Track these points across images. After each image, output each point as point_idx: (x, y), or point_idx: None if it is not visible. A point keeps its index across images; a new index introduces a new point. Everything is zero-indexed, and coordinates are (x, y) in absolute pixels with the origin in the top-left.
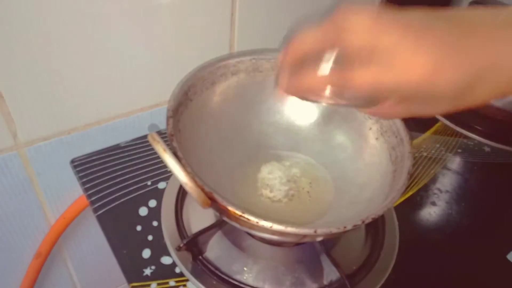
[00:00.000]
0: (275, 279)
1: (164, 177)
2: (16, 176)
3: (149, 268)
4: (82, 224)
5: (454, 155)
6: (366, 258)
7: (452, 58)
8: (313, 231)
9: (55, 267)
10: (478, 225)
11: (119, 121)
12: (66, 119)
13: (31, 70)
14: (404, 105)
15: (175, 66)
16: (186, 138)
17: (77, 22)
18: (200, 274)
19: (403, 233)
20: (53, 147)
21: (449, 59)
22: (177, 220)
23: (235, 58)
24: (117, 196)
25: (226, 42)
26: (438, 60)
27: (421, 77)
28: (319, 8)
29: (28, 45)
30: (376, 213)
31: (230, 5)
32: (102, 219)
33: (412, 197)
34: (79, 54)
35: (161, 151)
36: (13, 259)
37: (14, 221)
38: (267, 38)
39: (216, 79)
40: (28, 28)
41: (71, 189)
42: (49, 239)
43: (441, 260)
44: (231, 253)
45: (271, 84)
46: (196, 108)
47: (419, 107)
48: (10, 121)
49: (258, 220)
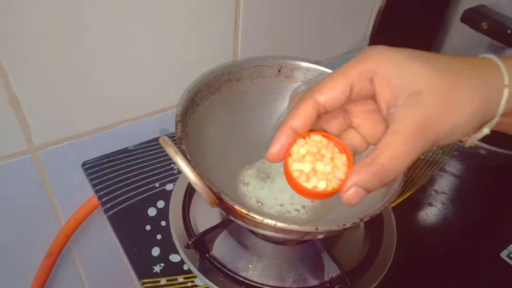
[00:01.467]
0: (278, 276)
1: (172, 179)
2: (30, 178)
3: (158, 265)
4: (91, 225)
5: (451, 157)
6: (365, 256)
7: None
8: (314, 229)
9: (64, 267)
10: (473, 224)
11: (128, 125)
12: (77, 124)
13: (46, 77)
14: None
15: (181, 73)
16: (193, 141)
17: (89, 31)
18: (207, 271)
19: (401, 232)
20: (65, 150)
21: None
22: (185, 220)
23: (239, 65)
24: (126, 197)
25: (231, 50)
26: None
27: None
28: (320, 17)
29: (44, 55)
30: (373, 212)
31: (234, 15)
32: (112, 220)
33: (410, 198)
34: (90, 62)
35: (172, 153)
36: (25, 259)
37: (26, 222)
38: (269, 45)
39: (221, 85)
40: (43, 39)
41: (82, 191)
42: (59, 240)
43: (437, 258)
44: (236, 251)
45: (273, 89)
46: (202, 113)
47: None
48: (25, 126)
49: (263, 218)
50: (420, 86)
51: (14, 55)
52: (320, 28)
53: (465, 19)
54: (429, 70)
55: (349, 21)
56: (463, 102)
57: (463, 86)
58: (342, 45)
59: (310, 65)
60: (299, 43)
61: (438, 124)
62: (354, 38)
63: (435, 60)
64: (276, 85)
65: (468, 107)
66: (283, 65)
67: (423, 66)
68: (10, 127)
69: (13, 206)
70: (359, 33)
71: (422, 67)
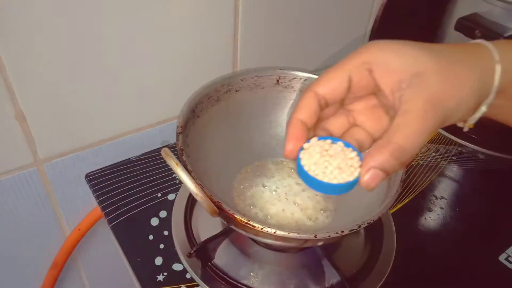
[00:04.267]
0: (280, 283)
1: (173, 189)
2: (35, 191)
3: (161, 274)
4: (95, 235)
5: (449, 163)
6: (365, 262)
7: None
8: (313, 236)
9: (69, 277)
10: (471, 229)
11: (130, 137)
12: (81, 136)
13: (50, 92)
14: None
15: (182, 85)
16: (194, 151)
17: (91, 44)
18: (210, 279)
19: (401, 237)
20: (69, 162)
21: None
22: (187, 229)
23: (239, 76)
24: (129, 207)
25: (230, 61)
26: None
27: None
28: (318, 27)
29: (49, 71)
30: (371, 218)
31: (232, 27)
32: (116, 230)
33: (409, 203)
34: (93, 76)
35: (173, 165)
36: (31, 269)
37: (32, 233)
38: (267, 56)
39: (221, 96)
40: (49, 56)
41: (86, 202)
42: (64, 250)
43: (436, 262)
44: (238, 260)
45: (272, 99)
46: (203, 124)
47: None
48: (31, 140)
49: (263, 227)
50: (420, 67)
51: (21, 72)
52: (319, 37)
53: (459, 28)
54: (426, 54)
55: (347, 31)
56: (462, 77)
57: (459, 65)
58: (340, 55)
59: (308, 74)
60: (298, 52)
61: (445, 100)
62: (353, 48)
63: (429, 46)
64: (275, 94)
65: (468, 81)
66: (281, 75)
67: (419, 50)
68: (16, 141)
69: (19, 218)
70: (358, 43)
71: (419, 51)
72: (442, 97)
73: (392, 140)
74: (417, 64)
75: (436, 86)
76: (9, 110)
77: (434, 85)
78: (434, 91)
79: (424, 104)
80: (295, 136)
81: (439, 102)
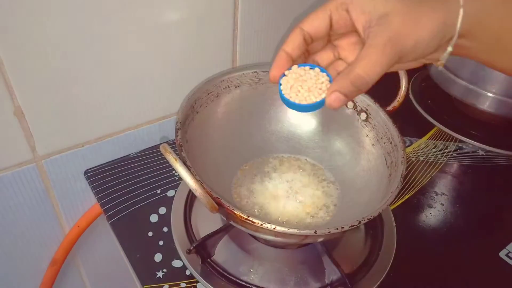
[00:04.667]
0: (279, 279)
1: (173, 185)
2: (34, 187)
3: (161, 271)
4: (94, 232)
5: (450, 159)
6: (365, 258)
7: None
8: (313, 232)
9: (69, 274)
10: (472, 225)
11: (129, 133)
12: (79, 133)
13: (49, 89)
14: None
15: (181, 81)
16: (193, 147)
17: (90, 42)
18: (209, 276)
19: (401, 234)
20: (68, 159)
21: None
22: (186, 226)
23: (238, 72)
24: (128, 204)
25: (229, 57)
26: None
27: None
28: None
29: (48, 67)
30: (371, 214)
31: (232, 23)
32: (115, 227)
33: (409, 199)
34: (92, 72)
35: (172, 161)
36: (30, 266)
37: (31, 230)
38: (267, 52)
39: (221, 92)
40: (48, 52)
41: (85, 199)
42: (64, 247)
43: (436, 258)
44: (237, 256)
45: (272, 94)
46: (202, 120)
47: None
48: (29, 137)
49: (263, 223)
50: (387, 9)
51: (20, 68)
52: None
53: None
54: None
55: None
56: (424, 20)
57: (424, 6)
58: None
59: None
60: None
61: (404, 39)
62: None
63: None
64: (275, 90)
65: (429, 24)
66: None
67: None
68: (15, 137)
69: (18, 215)
70: None
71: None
72: (401, 35)
73: (354, 70)
74: (386, 6)
75: (398, 25)
76: (8, 106)
77: (396, 24)
78: (395, 30)
79: (385, 40)
80: (278, 64)
81: (398, 39)
